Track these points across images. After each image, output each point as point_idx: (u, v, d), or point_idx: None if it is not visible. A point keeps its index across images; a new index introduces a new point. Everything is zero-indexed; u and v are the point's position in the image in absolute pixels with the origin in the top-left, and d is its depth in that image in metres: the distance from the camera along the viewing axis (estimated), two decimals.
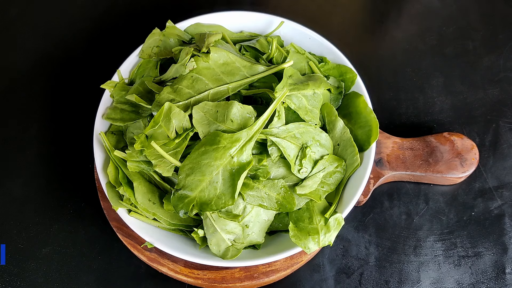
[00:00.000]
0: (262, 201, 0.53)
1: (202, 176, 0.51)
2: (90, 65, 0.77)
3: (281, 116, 0.54)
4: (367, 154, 0.57)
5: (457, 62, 0.76)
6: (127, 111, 0.59)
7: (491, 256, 0.62)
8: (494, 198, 0.66)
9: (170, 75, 0.60)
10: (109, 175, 0.56)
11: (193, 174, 0.51)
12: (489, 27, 0.78)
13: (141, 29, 0.65)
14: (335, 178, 0.56)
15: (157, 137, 0.54)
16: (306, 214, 0.54)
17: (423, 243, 0.63)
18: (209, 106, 0.54)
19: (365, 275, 0.62)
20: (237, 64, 0.57)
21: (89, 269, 0.63)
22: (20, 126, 0.73)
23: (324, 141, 0.56)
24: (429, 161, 0.64)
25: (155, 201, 0.56)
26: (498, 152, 0.69)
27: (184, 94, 0.55)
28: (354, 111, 0.59)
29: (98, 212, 0.63)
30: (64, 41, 0.80)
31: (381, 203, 0.66)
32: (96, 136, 0.59)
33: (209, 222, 0.53)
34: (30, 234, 0.65)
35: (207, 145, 0.51)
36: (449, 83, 0.74)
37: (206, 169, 0.51)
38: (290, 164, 0.54)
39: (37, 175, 0.69)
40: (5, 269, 0.63)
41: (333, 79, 0.62)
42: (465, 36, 0.78)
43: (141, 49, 0.64)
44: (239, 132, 0.52)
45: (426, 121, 0.71)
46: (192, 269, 0.58)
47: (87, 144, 0.65)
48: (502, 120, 0.71)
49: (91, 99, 0.65)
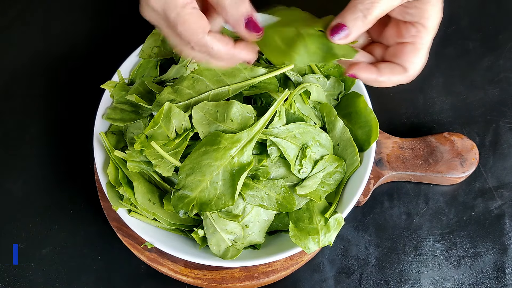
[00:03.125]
0: (262, 201, 0.53)
1: (202, 176, 0.51)
2: (90, 65, 0.77)
3: (281, 117, 0.54)
4: (367, 154, 0.57)
5: (457, 62, 0.76)
6: (127, 111, 0.59)
7: (491, 256, 0.62)
8: (494, 198, 0.66)
9: (170, 76, 0.60)
10: (109, 175, 0.56)
11: (193, 174, 0.51)
12: (489, 27, 0.78)
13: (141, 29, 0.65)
14: (335, 178, 0.56)
15: (157, 137, 0.54)
16: (306, 214, 0.54)
17: (423, 243, 0.63)
18: (209, 106, 0.54)
19: (365, 275, 0.62)
20: (238, 65, 0.57)
21: (89, 269, 0.63)
22: (20, 126, 0.73)
23: (324, 141, 0.56)
24: (429, 161, 0.64)
25: (155, 201, 0.56)
26: (498, 152, 0.69)
27: (184, 94, 0.55)
28: (354, 111, 0.59)
29: (98, 212, 0.63)
30: (64, 41, 0.80)
31: (381, 203, 0.66)
32: (96, 136, 0.59)
33: (209, 222, 0.53)
34: (30, 234, 0.65)
35: (208, 145, 0.51)
36: (449, 83, 0.74)
37: (207, 169, 0.51)
38: (290, 164, 0.54)
39: (37, 175, 0.69)
40: (5, 269, 0.63)
41: (333, 79, 0.62)
42: (465, 36, 0.78)
43: (141, 49, 0.64)
44: (240, 132, 0.52)
45: (426, 121, 0.71)
46: (192, 269, 0.58)
47: (87, 144, 0.65)
48: (502, 120, 0.71)
49: (91, 99, 0.65)
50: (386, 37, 0.52)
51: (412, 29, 0.49)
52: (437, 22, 0.49)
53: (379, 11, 0.46)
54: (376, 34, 0.53)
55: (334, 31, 0.47)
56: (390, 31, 0.51)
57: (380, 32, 0.53)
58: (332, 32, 0.47)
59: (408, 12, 0.48)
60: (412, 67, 0.49)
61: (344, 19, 0.47)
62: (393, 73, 0.49)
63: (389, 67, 0.50)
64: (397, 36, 0.50)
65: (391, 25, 0.51)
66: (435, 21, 0.49)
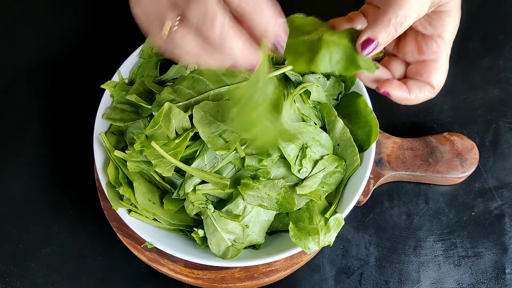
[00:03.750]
0: (262, 201, 0.53)
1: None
2: (90, 65, 0.77)
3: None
4: (367, 154, 0.57)
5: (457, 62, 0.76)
6: (127, 111, 0.59)
7: (491, 256, 0.62)
8: (494, 198, 0.66)
9: (170, 76, 0.60)
10: (109, 175, 0.56)
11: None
12: (489, 27, 0.78)
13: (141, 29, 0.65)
14: (335, 178, 0.56)
15: (157, 137, 0.54)
16: (306, 214, 0.54)
17: (423, 243, 0.63)
18: (209, 105, 0.54)
19: (365, 275, 0.62)
20: None
21: (89, 269, 0.63)
22: (20, 126, 0.73)
23: (324, 141, 0.56)
24: (429, 161, 0.64)
25: (155, 201, 0.56)
26: (498, 152, 0.69)
27: (184, 94, 0.56)
28: (354, 111, 0.59)
29: (98, 212, 0.63)
30: (64, 41, 0.80)
31: (381, 203, 0.66)
32: (96, 136, 0.59)
33: (210, 221, 0.53)
34: (30, 234, 0.65)
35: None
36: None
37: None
38: (290, 164, 0.54)
39: (37, 175, 0.69)
40: (5, 269, 0.63)
41: (333, 79, 0.62)
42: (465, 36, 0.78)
43: (141, 49, 0.64)
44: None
45: (426, 121, 0.71)
46: (192, 269, 0.58)
47: (87, 144, 0.65)
48: (502, 120, 0.71)
49: (91, 99, 0.65)
50: (405, 53, 0.51)
51: (433, 44, 0.49)
52: (455, 32, 0.49)
53: (409, 24, 0.45)
54: (392, 47, 0.53)
55: (365, 45, 0.46)
56: (409, 46, 0.50)
57: (396, 45, 0.52)
58: (363, 46, 0.46)
59: (430, 23, 0.48)
60: (437, 84, 0.49)
61: (375, 34, 0.46)
62: (421, 91, 0.49)
63: (417, 85, 0.50)
64: (418, 53, 0.50)
65: (409, 39, 0.51)
66: (453, 32, 0.49)
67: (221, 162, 0.54)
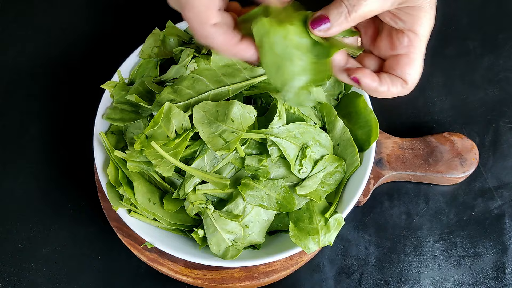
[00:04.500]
0: (262, 201, 0.53)
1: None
2: (90, 65, 0.77)
3: (282, 116, 0.54)
4: (367, 154, 0.57)
5: (457, 62, 0.76)
6: (127, 111, 0.59)
7: (491, 256, 0.62)
8: (494, 198, 0.66)
9: (170, 76, 0.60)
10: (109, 175, 0.56)
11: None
12: (489, 27, 0.78)
13: (141, 29, 0.65)
14: (335, 178, 0.56)
15: (157, 137, 0.54)
16: (306, 214, 0.54)
17: (423, 243, 0.63)
18: (209, 105, 0.54)
19: (365, 275, 0.62)
20: (238, 66, 0.57)
21: (89, 269, 0.63)
22: (20, 126, 0.73)
23: (324, 141, 0.56)
24: (429, 161, 0.64)
25: (155, 201, 0.56)
26: (498, 152, 0.69)
27: (184, 94, 0.55)
28: (354, 111, 0.59)
29: (98, 212, 0.63)
30: (64, 41, 0.80)
31: (381, 203, 0.66)
32: (96, 136, 0.59)
33: (210, 221, 0.53)
34: (30, 234, 0.65)
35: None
36: (449, 83, 0.74)
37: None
38: (290, 164, 0.54)
39: (37, 175, 0.69)
40: (5, 269, 0.63)
41: (333, 79, 0.62)
42: (465, 36, 0.78)
43: (141, 49, 0.64)
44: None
45: (426, 121, 0.71)
46: (192, 269, 0.58)
47: (87, 144, 0.65)
48: (502, 120, 0.71)
49: (91, 99, 0.65)
50: (380, 49, 0.52)
51: (405, 38, 0.49)
52: (429, 29, 0.49)
53: (365, 10, 0.45)
54: (368, 43, 0.53)
55: (316, 22, 0.46)
56: (383, 41, 0.51)
57: (372, 41, 0.52)
58: (313, 23, 0.46)
59: (400, 18, 0.48)
60: (409, 78, 0.49)
61: (328, 11, 0.46)
62: (393, 85, 0.49)
63: (390, 78, 0.49)
64: (391, 48, 0.50)
65: (384, 35, 0.51)
66: (427, 28, 0.48)
67: (221, 162, 0.54)
